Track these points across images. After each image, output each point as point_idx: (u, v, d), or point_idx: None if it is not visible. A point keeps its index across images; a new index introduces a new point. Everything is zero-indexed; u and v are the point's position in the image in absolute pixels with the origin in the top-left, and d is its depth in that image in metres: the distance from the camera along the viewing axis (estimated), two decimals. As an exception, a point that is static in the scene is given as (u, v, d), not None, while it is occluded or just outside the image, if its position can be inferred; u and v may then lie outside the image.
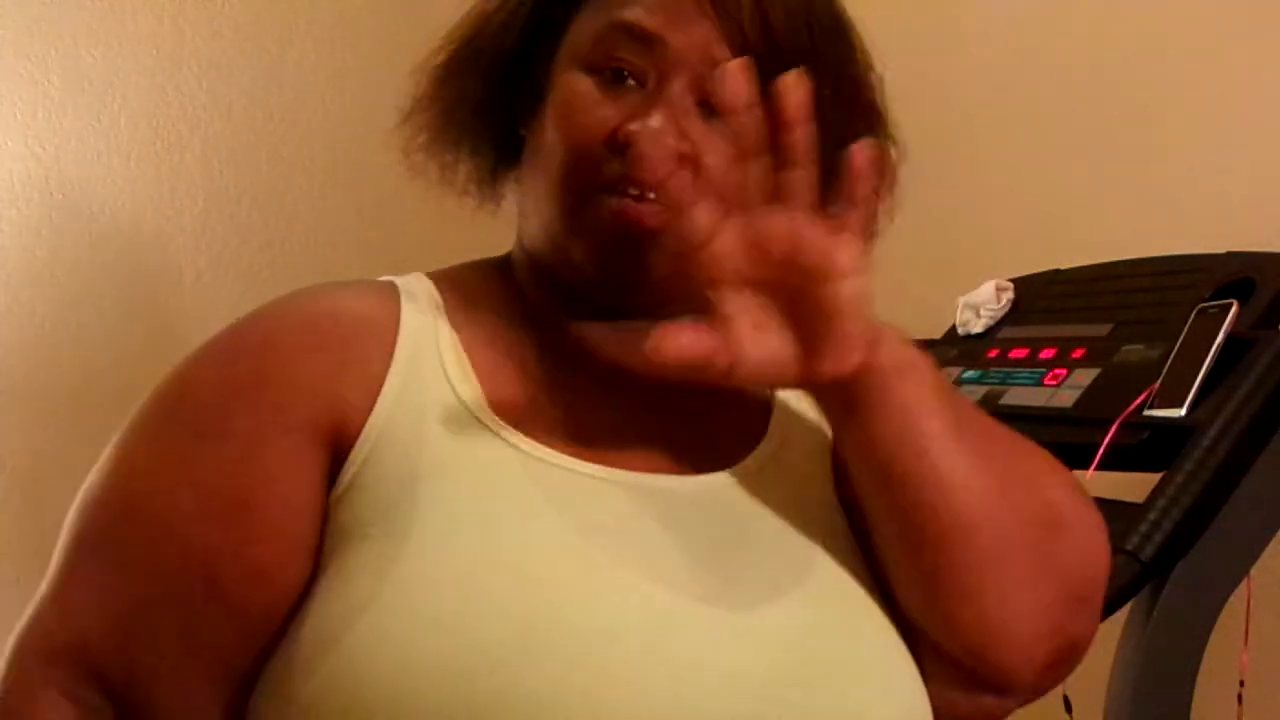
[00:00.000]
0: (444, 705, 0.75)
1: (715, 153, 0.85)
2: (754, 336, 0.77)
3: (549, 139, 0.89)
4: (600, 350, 0.87)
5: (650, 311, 0.82)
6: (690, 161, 0.84)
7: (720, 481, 0.89)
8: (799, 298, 0.77)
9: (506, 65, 0.93)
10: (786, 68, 0.82)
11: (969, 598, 0.85)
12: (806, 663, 0.82)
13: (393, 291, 0.91)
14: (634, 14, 0.87)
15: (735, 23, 0.86)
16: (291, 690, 0.80)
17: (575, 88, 0.88)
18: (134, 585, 0.83)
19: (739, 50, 0.85)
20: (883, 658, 0.86)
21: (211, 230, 1.99)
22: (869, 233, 0.76)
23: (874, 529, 0.88)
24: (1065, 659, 0.90)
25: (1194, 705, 1.28)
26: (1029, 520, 0.86)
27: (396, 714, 0.76)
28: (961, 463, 0.83)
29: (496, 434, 0.85)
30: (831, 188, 0.79)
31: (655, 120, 0.84)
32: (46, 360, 1.86)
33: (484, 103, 0.94)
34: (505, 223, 1.07)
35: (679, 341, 0.74)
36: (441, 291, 0.92)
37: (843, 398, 0.82)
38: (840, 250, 0.75)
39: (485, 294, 0.94)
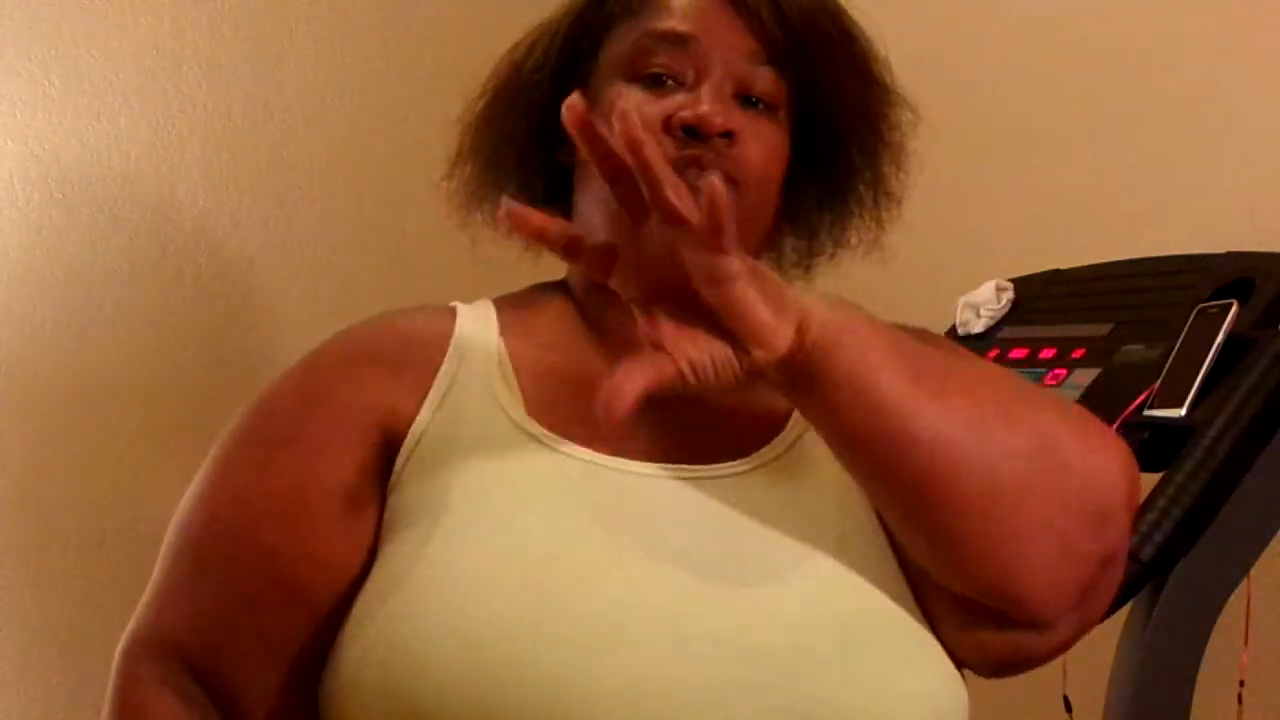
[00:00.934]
0: (464, 672, 0.81)
1: (752, 134, 0.95)
2: (690, 343, 0.80)
3: None
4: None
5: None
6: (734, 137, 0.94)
7: (740, 470, 0.94)
8: (707, 305, 0.81)
9: (545, 99, 1.01)
10: (804, 50, 0.97)
11: (971, 542, 0.85)
12: (813, 642, 0.84)
13: (451, 314, 1.00)
14: (667, 23, 0.97)
15: (754, 16, 0.96)
16: (338, 663, 0.88)
17: (623, 94, 0.97)
18: (214, 587, 0.94)
19: (761, 39, 0.96)
20: (894, 638, 0.88)
21: (212, 230, 1.98)
22: (737, 239, 0.80)
23: (868, 496, 0.90)
24: (1102, 579, 0.90)
25: (1194, 705, 1.28)
26: (1014, 451, 0.86)
27: (422, 680, 0.81)
28: (922, 412, 0.84)
29: (529, 434, 0.92)
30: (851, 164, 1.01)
31: (705, 104, 0.93)
32: (46, 360, 1.86)
33: (528, 140, 1.03)
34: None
35: (634, 385, 0.77)
36: (500, 312, 1.02)
37: (788, 379, 0.84)
38: (718, 260, 0.79)
39: (542, 311, 1.03)
